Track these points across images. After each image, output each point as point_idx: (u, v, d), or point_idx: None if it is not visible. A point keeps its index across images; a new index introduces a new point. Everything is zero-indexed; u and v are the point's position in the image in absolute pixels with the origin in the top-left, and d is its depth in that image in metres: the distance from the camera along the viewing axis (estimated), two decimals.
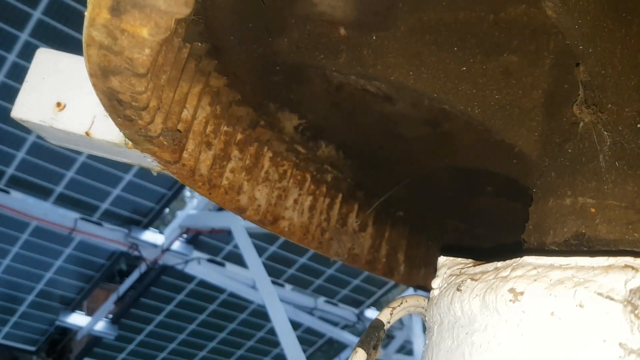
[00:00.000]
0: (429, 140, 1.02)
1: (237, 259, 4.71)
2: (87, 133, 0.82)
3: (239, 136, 0.92)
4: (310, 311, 5.52)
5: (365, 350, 0.64)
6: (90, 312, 5.51)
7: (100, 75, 0.55)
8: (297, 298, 5.42)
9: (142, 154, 0.75)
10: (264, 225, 1.03)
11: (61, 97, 0.85)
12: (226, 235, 4.55)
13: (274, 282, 4.53)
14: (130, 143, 0.74)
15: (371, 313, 5.76)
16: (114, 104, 0.60)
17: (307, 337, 5.82)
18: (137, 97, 0.56)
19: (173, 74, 0.65)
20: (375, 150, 1.09)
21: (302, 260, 5.10)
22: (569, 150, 0.63)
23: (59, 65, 0.86)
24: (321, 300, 5.57)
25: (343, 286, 5.52)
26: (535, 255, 0.51)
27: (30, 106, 0.85)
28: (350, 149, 1.09)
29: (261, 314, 5.07)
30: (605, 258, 0.46)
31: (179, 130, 0.70)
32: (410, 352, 5.78)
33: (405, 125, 1.00)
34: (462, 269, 0.60)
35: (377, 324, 0.65)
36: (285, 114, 0.98)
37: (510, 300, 0.48)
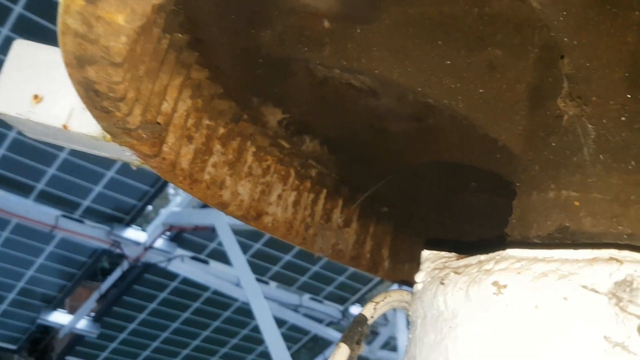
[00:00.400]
0: (413, 135, 1.02)
1: (221, 257, 4.68)
2: (64, 126, 0.80)
3: (222, 130, 0.90)
4: (295, 308, 5.52)
5: (348, 345, 0.64)
6: (72, 311, 5.45)
7: (76, 65, 0.54)
8: (282, 295, 5.41)
9: (120, 147, 0.73)
10: (247, 221, 1.01)
11: (38, 89, 0.83)
12: (210, 232, 4.52)
13: (258, 280, 4.51)
14: (108, 136, 0.72)
15: (356, 310, 5.77)
16: (91, 95, 0.59)
17: (292, 334, 5.82)
18: (114, 88, 0.55)
19: (152, 65, 0.63)
20: (360, 145, 1.08)
21: (287, 257, 5.09)
22: (553, 144, 0.63)
23: (36, 57, 0.84)
24: (306, 297, 5.57)
25: (328, 283, 5.52)
26: (519, 248, 0.50)
27: (7, 99, 0.83)
28: (334, 144, 1.08)
29: (245, 311, 5.05)
30: (590, 251, 0.45)
31: (158, 123, 0.69)
32: (394, 348, 5.80)
33: (390, 120, 1.00)
34: (446, 262, 0.59)
35: (361, 319, 0.64)
36: (269, 108, 0.97)
37: (494, 294, 0.48)
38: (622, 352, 0.41)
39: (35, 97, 0.82)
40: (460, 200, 1.16)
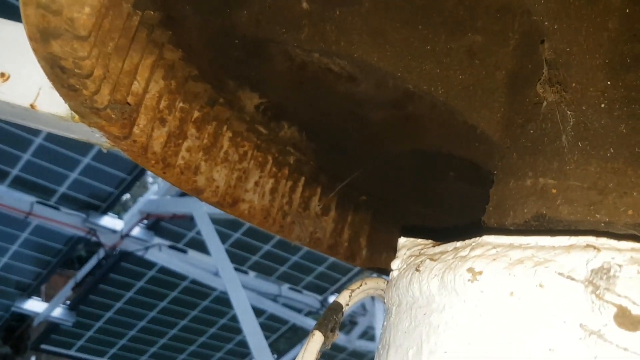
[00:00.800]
0: (393, 123, 1.00)
1: (200, 246, 4.65)
2: (32, 105, 0.77)
3: (196, 114, 0.88)
4: (274, 298, 5.52)
5: (322, 332, 0.62)
6: (47, 299, 5.38)
7: (40, 39, 0.51)
8: (261, 285, 5.40)
9: (89, 128, 0.71)
10: (222, 208, 0.99)
11: (5, 67, 0.79)
12: (188, 221, 4.48)
13: (237, 269, 4.50)
14: (77, 116, 0.70)
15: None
16: (57, 72, 0.56)
17: (270, 323, 5.82)
18: (79, 64, 0.52)
19: (121, 42, 0.61)
20: (338, 132, 1.07)
21: (266, 247, 5.07)
22: (531, 131, 0.62)
23: (2, 34, 0.81)
24: (285, 287, 5.57)
25: (307, 273, 5.52)
26: (495, 234, 0.49)
27: None
28: (313, 131, 1.06)
29: (224, 301, 5.03)
30: (567, 238, 0.45)
31: (128, 103, 0.66)
32: (372, 338, 5.84)
33: (370, 107, 0.98)
34: (422, 249, 0.58)
35: (336, 307, 0.63)
36: (246, 92, 0.95)
37: (469, 280, 0.47)
38: (598, 340, 0.40)
39: (2, 75, 0.79)
40: (438, 189, 1.15)
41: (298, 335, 6.67)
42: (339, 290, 5.76)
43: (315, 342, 0.59)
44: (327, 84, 0.92)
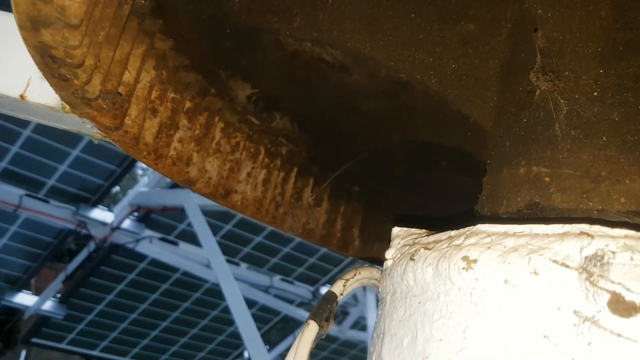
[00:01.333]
0: (385, 113, 1.00)
1: (191, 238, 4.64)
2: (21, 96, 0.76)
3: (188, 104, 0.87)
4: (266, 289, 5.52)
5: (317, 322, 0.62)
6: (37, 292, 5.35)
7: (30, 28, 0.50)
8: (253, 276, 5.40)
9: (80, 119, 0.70)
10: (215, 199, 0.99)
11: None
12: (179, 213, 4.47)
13: (229, 261, 4.49)
14: (67, 107, 0.69)
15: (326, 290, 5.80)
16: (47, 61, 0.56)
17: (262, 315, 5.83)
18: (71, 53, 0.52)
19: (112, 31, 0.60)
20: (331, 123, 1.07)
21: (258, 238, 5.07)
22: (524, 120, 0.62)
23: None
24: (277, 278, 5.57)
25: (299, 264, 5.53)
26: (489, 223, 0.49)
27: None
28: (305, 121, 1.06)
29: (215, 292, 5.03)
30: (561, 225, 0.45)
31: (119, 93, 0.66)
32: (364, 328, 5.87)
33: (362, 97, 0.98)
34: (416, 239, 0.58)
35: (330, 296, 0.63)
36: (238, 82, 0.94)
37: (464, 268, 0.47)
38: (592, 326, 0.41)
39: None
40: (430, 179, 1.15)
41: (290, 326, 6.69)
42: (330, 281, 5.78)
43: (310, 331, 0.59)
44: (320, 73, 0.91)
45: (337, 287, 0.65)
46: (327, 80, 0.92)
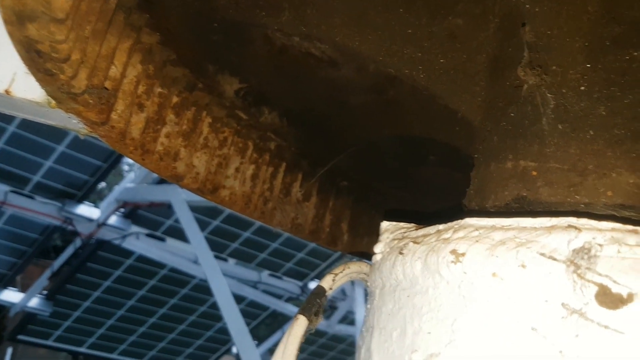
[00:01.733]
0: (374, 107, 1.00)
1: (178, 234, 4.62)
2: (6, 91, 0.75)
3: (175, 99, 0.87)
4: (254, 285, 5.52)
5: (306, 317, 0.63)
6: (23, 289, 5.31)
7: (16, 22, 0.50)
8: (241, 272, 5.39)
9: (67, 114, 0.69)
10: (203, 194, 0.99)
11: None
12: (166, 209, 4.45)
13: (217, 257, 4.48)
14: (53, 102, 0.68)
15: (315, 285, 5.81)
16: (33, 56, 0.55)
17: (250, 310, 5.83)
18: (57, 47, 0.51)
19: (99, 25, 0.59)
20: (319, 118, 1.07)
21: (246, 234, 5.06)
22: (512, 114, 0.63)
23: None
24: (265, 273, 5.57)
25: (287, 259, 5.53)
26: (478, 217, 0.50)
27: None
28: (294, 116, 1.05)
29: (203, 288, 5.02)
30: (548, 219, 0.45)
31: (106, 88, 0.65)
32: (352, 322, 5.89)
33: (351, 92, 0.98)
34: (405, 233, 0.58)
35: (319, 291, 0.63)
36: (226, 77, 0.94)
37: (452, 262, 0.47)
38: (579, 319, 0.41)
39: None
40: (419, 173, 1.16)
41: (278, 321, 6.70)
42: (319, 276, 5.79)
43: (300, 326, 0.59)
44: (308, 68, 0.91)
45: (326, 282, 0.65)
46: (316, 74, 0.92)
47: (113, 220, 4.54)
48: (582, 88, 0.55)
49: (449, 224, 0.53)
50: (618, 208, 0.50)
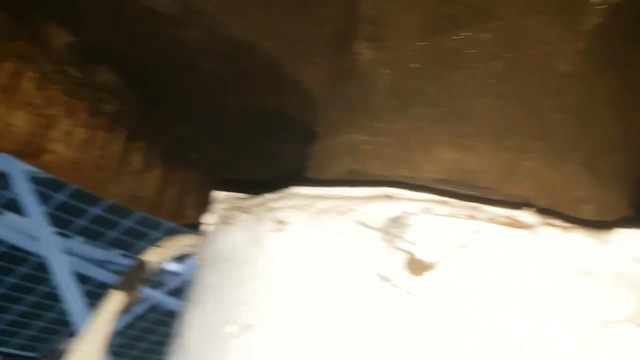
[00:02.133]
0: (225, 76, 0.96)
1: (18, 207, 4.21)
2: None
3: None
4: (103, 264, 5.21)
5: (125, 292, 0.58)
6: None
7: None
8: (89, 251, 5.06)
9: None
10: (23, 158, 0.88)
11: None
12: (3, 179, 4.02)
13: (61, 234, 4.15)
14: None
15: (172, 266, 5.63)
16: None
17: (99, 291, 5.50)
18: None
19: None
20: (166, 82, 1.00)
21: (96, 210, 4.74)
22: (350, 89, 0.63)
23: None
24: (115, 252, 5.28)
25: (141, 238, 5.29)
26: (305, 186, 0.48)
27: None
28: (136, 78, 0.98)
29: (46, 267, 4.64)
30: (370, 188, 0.45)
31: None
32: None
33: (200, 57, 0.93)
34: (236, 203, 0.56)
35: (139, 265, 0.58)
36: (54, 27, 0.84)
37: (276, 231, 0.45)
38: (390, 286, 0.41)
39: None
40: (271, 147, 1.14)
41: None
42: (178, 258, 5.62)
43: (113, 302, 0.54)
44: (151, 26, 0.84)
45: (150, 255, 0.60)
46: (161, 34, 0.86)
47: None
48: (414, 65, 0.56)
49: (278, 193, 0.51)
50: (439, 183, 0.51)
